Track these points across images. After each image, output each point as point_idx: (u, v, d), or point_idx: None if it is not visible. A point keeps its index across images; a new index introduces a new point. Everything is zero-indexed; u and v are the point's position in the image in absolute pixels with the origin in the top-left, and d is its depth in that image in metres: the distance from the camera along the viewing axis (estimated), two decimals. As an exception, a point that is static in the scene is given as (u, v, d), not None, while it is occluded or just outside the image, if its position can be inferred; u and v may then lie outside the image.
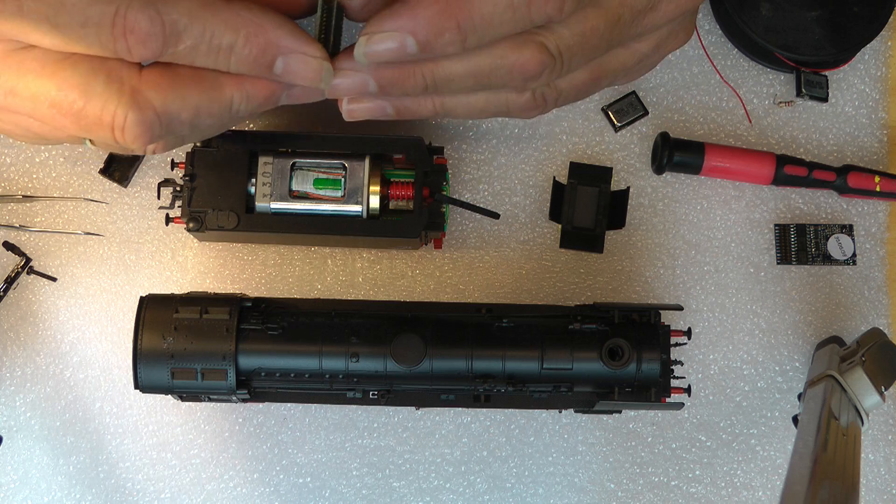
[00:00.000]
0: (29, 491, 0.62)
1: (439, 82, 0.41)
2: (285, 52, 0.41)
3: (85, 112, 0.40)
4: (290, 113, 0.64)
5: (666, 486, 0.63)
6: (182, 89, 0.41)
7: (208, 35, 0.40)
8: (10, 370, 0.62)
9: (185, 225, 0.57)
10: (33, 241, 0.63)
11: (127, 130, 0.41)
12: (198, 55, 0.40)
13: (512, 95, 0.43)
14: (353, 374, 0.55)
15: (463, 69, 0.41)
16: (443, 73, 0.41)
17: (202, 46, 0.40)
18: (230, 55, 0.40)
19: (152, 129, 0.41)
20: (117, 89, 0.40)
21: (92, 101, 0.40)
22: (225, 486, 0.63)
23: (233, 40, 0.40)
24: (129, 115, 0.40)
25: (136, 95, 0.41)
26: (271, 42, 0.41)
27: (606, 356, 0.55)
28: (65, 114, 0.41)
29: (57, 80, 0.40)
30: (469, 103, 0.44)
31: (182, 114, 0.42)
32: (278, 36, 0.41)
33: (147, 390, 0.55)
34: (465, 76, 0.41)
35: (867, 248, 0.65)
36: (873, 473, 0.64)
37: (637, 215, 0.64)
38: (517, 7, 0.38)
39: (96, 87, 0.40)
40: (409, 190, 0.57)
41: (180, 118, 0.42)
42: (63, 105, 0.40)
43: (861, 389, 0.54)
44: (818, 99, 0.64)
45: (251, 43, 0.40)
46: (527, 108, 0.44)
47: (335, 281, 0.63)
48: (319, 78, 0.42)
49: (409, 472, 0.63)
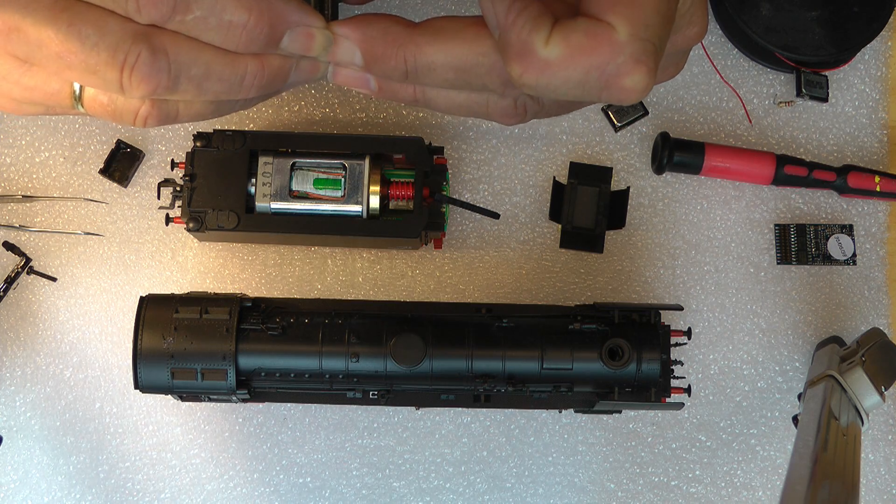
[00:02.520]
0: (29, 491, 0.62)
1: (420, 69, 0.41)
2: (292, 25, 0.41)
3: (97, 49, 0.39)
4: (290, 113, 0.64)
5: (666, 486, 0.63)
6: (198, 44, 0.40)
7: (219, 8, 0.39)
8: (10, 370, 0.62)
9: (185, 225, 0.57)
10: (33, 241, 0.63)
11: (136, 70, 0.40)
12: (207, 28, 0.40)
13: (493, 98, 0.43)
14: (353, 374, 0.55)
15: (444, 59, 0.41)
16: (424, 60, 0.41)
17: (212, 19, 0.39)
18: (241, 32, 0.40)
19: (161, 74, 0.40)
20: (133, 28, 0.39)
21: (106, 38, 0.39)
22: (225, 486, 0.63)
23: (244, 18, 0.40)
24: (143, 53, 0.39)
25: (152, 37, 0.40)
26: (281, 17, 0.41)
27: (606, 356, 0.55)
28: (74, 52, 0.39)
29: (69, 15, 0.39)
30: (449, 97, 0.44)
31: (193, 68, 0.41)
32: (286, 10, 0.41)
33: (147, 390, 0.55)
34: (446, 68, 0.41)
35: (867, 248, 0.65)
36: (873, 473, 0.64)
37: (637, 215, 0.64)
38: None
39: (112, 25, 0.39)
40: (409, 190, 0.57)
41: (190, 73, 0.41)
42: (73, 42, 0.39)
43: (861, 389, 0.54)
44: (818, 99, 0.64)
45: (262, 20, 0.40)
46: (506, 115, 0.44)
47: (335, 281, 0.63)
48: (324, 48, 0.42)
49: (409, 472, 0.63)
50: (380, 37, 0.40)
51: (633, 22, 0.37)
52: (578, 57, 0.37)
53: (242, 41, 0.40)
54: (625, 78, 0.37)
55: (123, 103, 0.42)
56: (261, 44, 0.41)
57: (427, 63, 0.41)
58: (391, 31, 0.40)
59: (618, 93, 0.38)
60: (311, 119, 0.64)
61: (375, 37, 0.40)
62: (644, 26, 0.37)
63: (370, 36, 0.40)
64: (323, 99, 0.64)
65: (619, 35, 0.37)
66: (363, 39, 0.41)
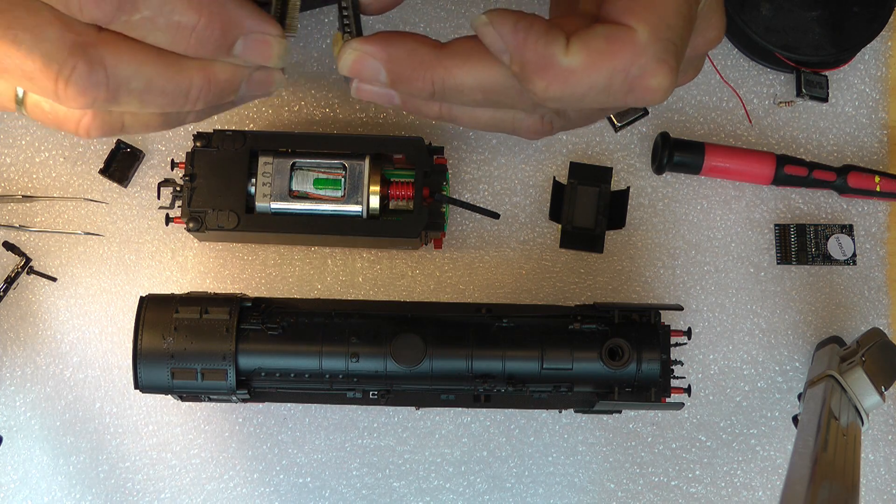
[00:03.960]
0: (29, 491, 0.62)
1: (448, 91, 0.41)
2: (246, 32, 0.39)
3: (32, 56, 0.38)
4: (290, 113, 0.64)
5: (666, 486, 0.63)
6: (140, 56, 0.39)
7: (168, 9, 0.37)
8: (10, 370, 0.62)
9: (185, 225, 0.57)
10: (33, 241, 0.63)
11: (71, 83, 0.38)
12: (155, 29, 0.38)
13: (520, 115, 0.43)
14: (353, 374, 0.55)
15: (473, 82, 0.40)
16: (452, 82, 0.40)
17: (160, 20, 0.37)
18: (190, 35, 0.38)
19: (97, 88, 0.39)
20: (71, 39, 0.38)
21: (42, 45, 0.38)
22: (225, 486, 0.63)
23: (194, 20, 0.38)
24: (78, 66, 0.38)
25: (89, 48, 0.38)
26: (233, 22, 0.39)
27: (606, 356, 0.55)
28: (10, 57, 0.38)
29: (8, 19, 0.37)
30: (475, 114, 0.43)
31: (133, 82, 0.39)
32: (241, 16, 0.39)
33: (147, 390, 0.55)
34: (475, 90, 0.41)
35: (867, 248, 0.65)
36: (873, 473, 0.64)
37: (637, 215, 0.64)
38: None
39: (49, 33, 0.38)
40: (409, 190, 0.57)
41: (129, 86, 0.39)
42: (9, 47, 0.38)
43: (861, 389, 0.54)
44: (818, 99, 0.64)
45: (213, 24, 0.38)
46: (533, 131, 0.44)
47: (335, 281, 0.63)
48: (280, 58, 0.41)
49: (409, 472, 0.63)
50: (406, 57, 0.39)
51: (653, 24, 0.37)
52: (601, 61, 0.37)
53: (191, 44, 0.39)
54: (649, 79, 0.37)
55: (65, 112, 0.41)
56: (211, 48, 0.39)
57: (455, 85, 0.40)
58: (418, 52, 0.39)
59: (643, 94, 0.37)
60: (311, 119, 0.64)
61: (402, 57, 0.39)
62: (665, 27, 0.37)
63: (396, 56, 0.39)
64: (323, 99, 0.64)
65: (640, 37, 0.37)
66: (389, 59, 0.40)
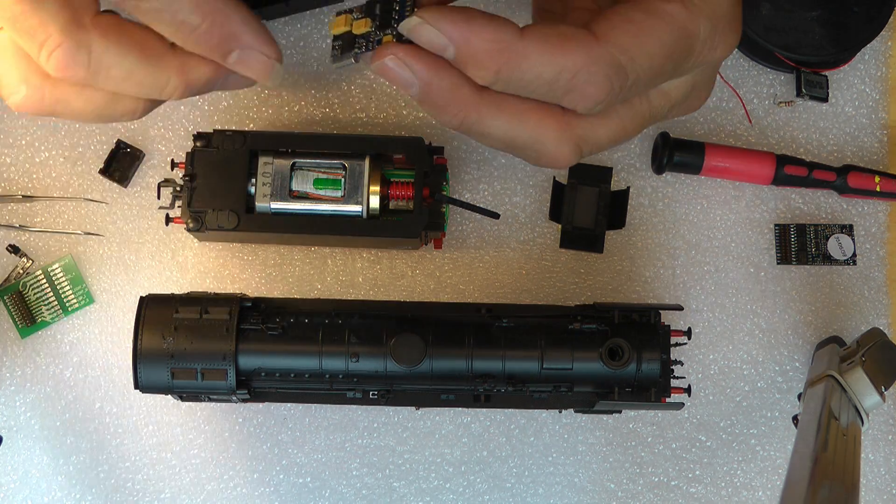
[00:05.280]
0: (29, 491, 0.62)
1: (474, 132, 0.42)
2: (244, 46, 0.41)
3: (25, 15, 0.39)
4: (290, 113, 0.64)
5: (666, 486, 0.63)
6: (126, 47, 0.41)
7: (175, 7, 0.39)
8: (10, 370, 0.62)
9: (185, 225, 0.57)
10: (33, 241, 0.63)
11: (54, 56, 0.40)
12: (159, 21, 0.40)
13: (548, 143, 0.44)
14: (353, 374, 0.55)
15: (502, 133, 0.41)
16: (480, 128, 0.41)
17: (166, 14, 0.40)
18: (190, 33, 0.40)
19: (77, 67, 0.41)
20: (67, 16, 0.40)
21: (39, 12, 0.39)
22: (225, 486, 0.63)
23: (197, 22, 0.40)
24: (65, 44, 0.40)
25: (81, 31, 0.40)
26: (233, 35, 0.41)
27: (606, 356, 0.55)
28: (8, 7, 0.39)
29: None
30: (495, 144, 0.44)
31: (113, 69, 0.41)
32: (242, 31, 0.41)
33: (147, 390, 0.55)
34: (500, 140, 0.42)
35: (867, 248, 0.65)
36: (873, 473, 0.64)
37: (637, 215, 0.64)
38: (556, 88, 0.39)
39: (48, 5, 0.39)
40: (409, 190, 0.57)
41: (109, 73, 0.41)
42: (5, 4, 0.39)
43: (861, 389, 0.54)
44: (818, 99, 0.64)
45: (214, 31, 0.40)
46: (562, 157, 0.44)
47: (335, 281, 0.63)
48: (268, 76, 0.42)
49: (409, 472, 0.63)
50: (446, 93, 0.39)
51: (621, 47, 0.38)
52: (555, 54, 0.38)
53: (190, 42, 0.41)
54: (591, 87, 0.38)
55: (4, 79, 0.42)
56: (208, 51, 0.41)
57: (483, 130, 0.41)
58: (460, 90, 0.39)
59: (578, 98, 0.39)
60: (311, 119, 0.64)
61: (443, 90, 0.40)
62: (630, 58, 0.38)
63: (437, 87, 0.40)
64: (323, 99, 0.64)
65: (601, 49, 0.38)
66: (429, 84, 0.40)
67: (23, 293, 0.62)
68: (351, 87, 0.64)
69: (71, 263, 0.62)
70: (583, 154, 0.42)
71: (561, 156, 0.42)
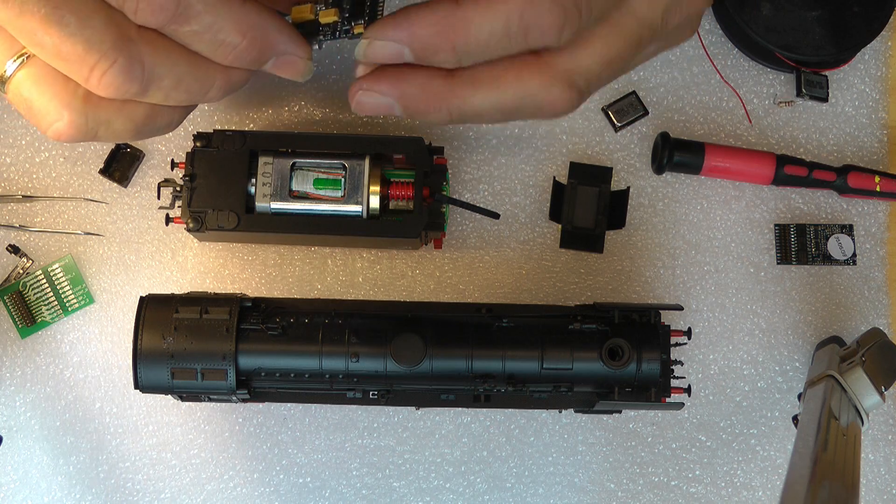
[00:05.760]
0: (29, 491, 0.62)
1: (466, 117, 0.42)
2: (280, 53, 0.42)
3: (74, 39, 0.38)
4: (290, 113, 0.64)
5: (666, 486, 0.63)
6: (174, 55, 0.41)
7: (216, 28, 0.40)
8: (10, 370, 0.62)
9: (185, 225, 0.57)
10: (33, 241, 0.63)
11: (108, 75, 0.39)
12: (199, 42, 0.40)
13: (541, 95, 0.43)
14: (353, 374, 0.55)
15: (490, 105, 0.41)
16: (469, 109, 0.41)
17: (206, 35, 0.40)
18: (230, 52, 0.41)
19: (132, 83, 0.40)
20: (114, 32, 0.39)
21: (86, 31, 0.38)
22: (225, 486, 0.63)
23: (238, 41, 0.40)
24: (119, 61, 0.39)
25: (131, 45, 0.39)
26: (272, 45, 0.42)
27: (606, 356, 0.55)
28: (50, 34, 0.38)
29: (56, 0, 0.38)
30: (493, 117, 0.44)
31: (165, 80, 0.41)
32: (278, 40, 0.42)
33: (147, 390, 0.55)
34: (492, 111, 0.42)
35: (867, 248, 0.65)
36: (873, 473, 0.64)
37: (637, 215, 0.64)
38: (513, 35, 0.39)
39: (95, 21, 0.38)
40: (409, 190, 0.57)
41: (161, 84, 0.41)
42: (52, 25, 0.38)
43: (861, 389, 0.54)
44: (818, 99, 0.64)
45: (254, 46, 0.41)
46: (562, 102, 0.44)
47: (335, 281, 0.63)
48: (301, 75, 0.44)
49: (409, 472, 0.63)
50: (419, 94, 0.40)
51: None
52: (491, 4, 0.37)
53: (228, 59, 0.41)
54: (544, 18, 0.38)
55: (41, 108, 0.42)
56: (245, 64, 0.42)
57: (472, 111, 0.41)
58: (430, 86, 0.40)
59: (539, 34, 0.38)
60: (311, 119, 0.64)
61: (415, 94, 0.40)
62: None
63: (409, 94, 0.40)
64: (323, 99, 0.64)
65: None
66: (402, 96, 0.41)
67: (23, 293, 0.62)
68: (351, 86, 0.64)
69: (71, 263, 0.62)
70: (583, 91, 0.41)
71: (556, 99, 0.41)
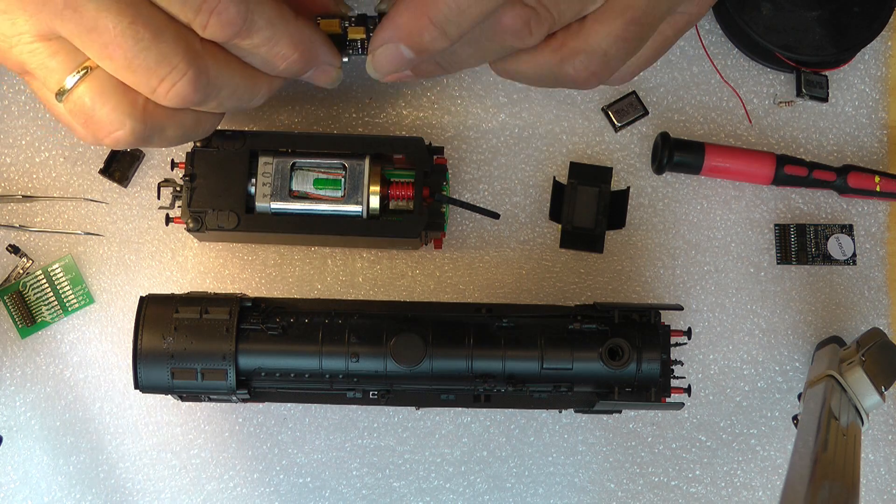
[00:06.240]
0: (29, 491, 0.62)
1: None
2: (320, 64, 0.46)
3: (146, 52, 0.40)
4: (290, 113, 0.64)
5: (666, 486, 0.63)
6: (232, 66, 0.44)
7: (273, 43, 0.43)
8: (10, 370, 0.62)
9: (185, 225, 0.57)
10: (33, 241, 0.63)
11: (178, 87, 0.42)
12: (253, 55, 0.43)
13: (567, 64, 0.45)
14: (353, 374, 0.55)
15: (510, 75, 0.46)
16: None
17: (262, 49, 0.43)
18: (282, 63, 0.44)
19: (197, 93, 0.43)
20: (184, 46, 0.41)
21: (159, 45, 0.40)
22: (225, 486, 0.63)
23: (290, 54, 0.44)
24: (190, 73, 0.41)
25: (199, 58, 0.42)
26: (316, 57, 0.46)
27: (606, 356, 0.55)
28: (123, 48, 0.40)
29: (133, 12, 0.40)
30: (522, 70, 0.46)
31: (223, 90, 0.44)
32: (322, 52, 0.46)
33: (147, 390, 0.55)
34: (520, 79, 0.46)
35: (867, 248, 0.65)
36: (873, 473, 0.64)
37: (637, 215, 0.64)
38: None
39: (167, 35, 0.40)
40: (409, 190, 0.57)
41: (220, 94, 0.44)
42: (127, 39, 0.40)
43: (861, 389, 0.54)
44: (818, 99, 0.64)
45: (303, 59, 0.45)
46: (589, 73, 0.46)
47: (335, 281, 0.63)
48: (334, 83, 0.48)
49: (409, 472, 0.63)
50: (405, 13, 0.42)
51: None
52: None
53: (278, 69, 0.45)
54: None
55: (103, 118, 0.43)
56: (292, 74, 0.46)
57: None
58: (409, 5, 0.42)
59: None
60: (311, 119, 0.64)
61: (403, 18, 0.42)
62: None
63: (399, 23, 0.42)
64: (323, 99, 0.64)
65: None
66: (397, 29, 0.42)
67: (23, 293, 0.62)
68: (351, 86, 0.64)
69: (71, 263, 0.62)
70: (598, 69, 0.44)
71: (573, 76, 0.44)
